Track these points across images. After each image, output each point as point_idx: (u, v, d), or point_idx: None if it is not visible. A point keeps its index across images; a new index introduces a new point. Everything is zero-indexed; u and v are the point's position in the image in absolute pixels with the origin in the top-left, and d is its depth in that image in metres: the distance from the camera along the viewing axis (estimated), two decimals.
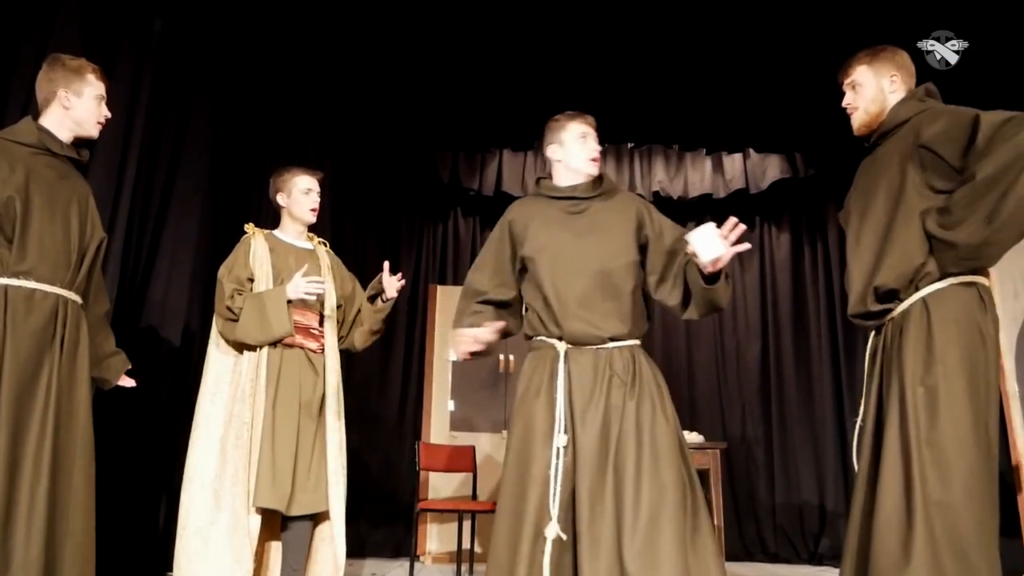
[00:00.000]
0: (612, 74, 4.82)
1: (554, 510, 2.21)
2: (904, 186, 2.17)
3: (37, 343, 2.32)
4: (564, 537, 2.20)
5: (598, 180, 2.58)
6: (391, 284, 3.26)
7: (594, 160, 2.54)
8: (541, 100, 5.14)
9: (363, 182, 5.85)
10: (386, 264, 3.31)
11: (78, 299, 2.47)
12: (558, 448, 2.27)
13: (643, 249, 2.49)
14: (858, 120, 2.37)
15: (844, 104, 2.41)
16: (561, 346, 2.41)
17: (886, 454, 2.03)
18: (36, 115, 2.53)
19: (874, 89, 2.32)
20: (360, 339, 3.35)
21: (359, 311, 3.36)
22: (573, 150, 2.55)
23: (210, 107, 4.13)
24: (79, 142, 2.57)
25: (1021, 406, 4.14)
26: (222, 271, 3.15)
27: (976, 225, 1.99)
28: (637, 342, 2.45)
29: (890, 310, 2.19)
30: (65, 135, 2.51)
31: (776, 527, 5.60)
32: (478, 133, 5.62)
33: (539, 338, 2.49)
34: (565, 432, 2.28)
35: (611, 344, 2.39)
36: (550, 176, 2.64)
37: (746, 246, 2.23)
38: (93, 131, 2.56)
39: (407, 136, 5.58)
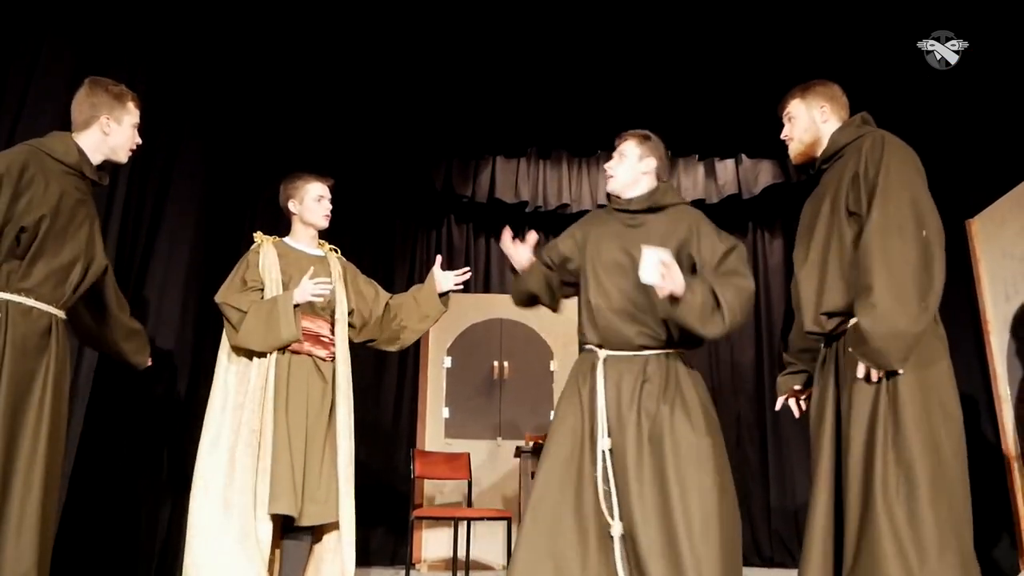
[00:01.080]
0: (604, 80, 4.84)
1: (614, 510, 2.37)
2: (838, 210, 2.25)
3: (32, 358, 2.33)
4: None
5: (652, 194, 2.68)
6: (446, 278, 3.27)
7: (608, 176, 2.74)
8: (534, 107, 5.17)
9: (357, 189, 5.84)
10: (439, 258, 3.36)
11: (64, 316, 2.48)
12: (603, 451, 2.41)
13: (693, 268, 2.58)
14: (794, 150, 2.48)
15: (782, 136, 2.52)
16: (602, 353, 2.54)
17: (851, 465, 2.07)
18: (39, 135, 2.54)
19: (806, 120, 2.44)
20: (405, 336, 3.33)
21: (385, 309, 3.31)
22: None
23: (204, 115, 4.14)
24: (103, 165, 2.59)
25: (1012, 408, 4.16)
26: (224, 285, 3.10)
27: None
28: (678, 350, 2.56)
29: (844, 324, 2.22)
30: (97, 158, 2.54)
31: (771, 532, 5.60)
32: (471, 140, 5.64)
33: (585, 345, 2.62)
34: (609, 436, 2.43)
35: (646, 352, 2.52)
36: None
37: (667, 291, 2.33)
38: (124, 158, 2.61)
39: (401, 144, 5.59)
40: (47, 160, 2.40)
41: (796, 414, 2.62)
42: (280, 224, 3.34)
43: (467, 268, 3.40)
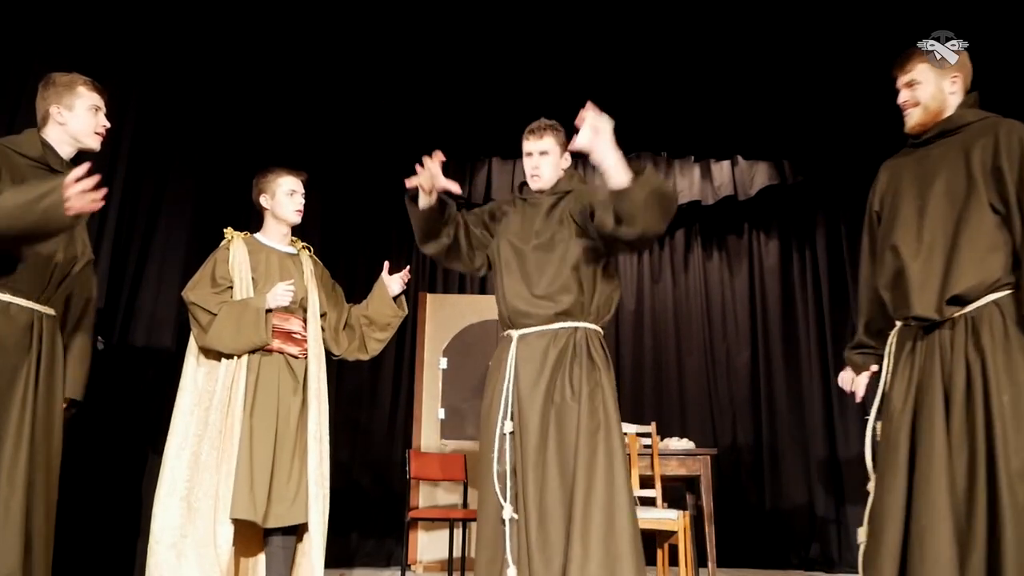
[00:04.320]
0: (600, 82, 4.84)
1: (507, 492, 2.42)
2: (972, 195, 2.13)
3: (13, 356, 2.30)
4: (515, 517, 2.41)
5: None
6: (394, 282, 3.25)
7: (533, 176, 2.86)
8: (530, 108, 5.16)
9: (353, 191, 5.85)
10: (386, 264, 3.30)
11: (53, 312, 2.45)
12: (504, 434, 2.46)
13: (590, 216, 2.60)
14: (916, 118, 2.30)
15: (900, 102, 2.33)
16: (514, 333, 2.57)
17: (957, 461, 2.01)
18: None
19: (934, 88, 2.27)
20: (371, 345, 3.31)
21: (347, 318, 3.29)
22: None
23: (197, 120, 4.13)
24: (80, 157, 2.55)
25: None
26: (193, 282, 3.06)
27: None
28: (585, 325, 2.54)
29: (955, 312, 2.14)
30: (67, 151, 2.51)
31: (766, 533, 5.60)
32: (467, 142, 5.63)
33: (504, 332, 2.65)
34: (511, 419, 2.45)
35: (555, 325, 2.51)
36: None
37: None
38: (92, 142, 2.55)
39: (397, 146, 5.58)
40: (13, 156, 2.39)
41: (860, 394, 2.50)
42: None
43: (408, 267, 3.36)
